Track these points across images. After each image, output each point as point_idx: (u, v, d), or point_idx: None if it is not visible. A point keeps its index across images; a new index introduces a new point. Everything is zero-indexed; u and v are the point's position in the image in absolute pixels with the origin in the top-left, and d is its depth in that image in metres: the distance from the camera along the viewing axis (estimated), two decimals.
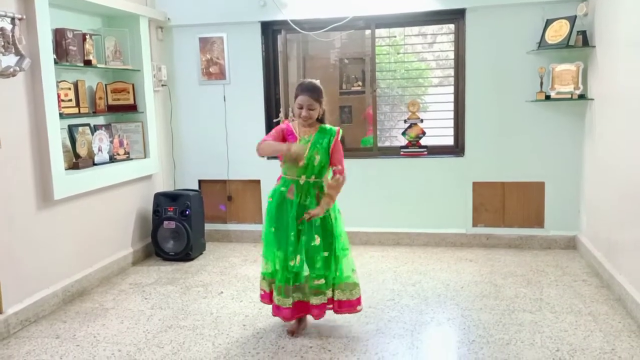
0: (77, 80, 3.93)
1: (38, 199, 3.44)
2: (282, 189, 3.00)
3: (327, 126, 3.02)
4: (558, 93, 4.26)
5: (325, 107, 3.01)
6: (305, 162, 2.90)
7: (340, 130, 3.03)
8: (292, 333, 3.05)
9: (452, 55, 4.74)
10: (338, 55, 5.37)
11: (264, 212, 5.06)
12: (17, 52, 3.15)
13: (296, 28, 4.66)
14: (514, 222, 4.67)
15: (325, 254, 2.94)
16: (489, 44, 4.45)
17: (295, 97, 2.97)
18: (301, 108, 2.93)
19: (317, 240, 2.91)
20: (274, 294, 3.02)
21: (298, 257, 2.91)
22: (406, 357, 2.80)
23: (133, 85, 4.42)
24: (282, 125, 3.09)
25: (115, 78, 4.39)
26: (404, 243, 4.78)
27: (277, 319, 3.17)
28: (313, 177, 2.95)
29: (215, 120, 5.00)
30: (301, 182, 2.94)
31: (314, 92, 2.93)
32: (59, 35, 3.68)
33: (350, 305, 3.06)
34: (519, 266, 4.16)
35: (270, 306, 3.10)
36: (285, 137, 3.01)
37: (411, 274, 4.04)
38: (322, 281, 2.95)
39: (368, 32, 4.86)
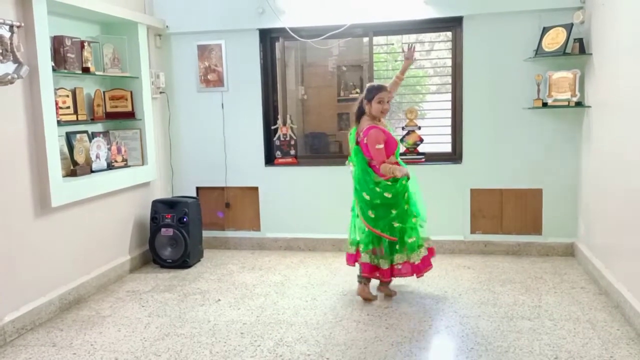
0: (75, 88, 3.94)
1: (35, 206, 3.43)
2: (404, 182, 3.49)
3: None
4: (555, 100, 4.28)
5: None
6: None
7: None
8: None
9: (449, 62, 4.75)
10: (336, 62, 5.37)
11: (262, 219, 5.12)
12: (15, 60, 3.15)
13: (294, 35, 4.68)
14: (511, 229, 4.67)
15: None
16: (486, 52, 4.47)
17: (371, 98, 3.47)
18: (381, 102, 3.46)
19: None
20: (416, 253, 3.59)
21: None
22: None
23: (131, 92, 4.43)
24: (379, 134, 3.40)
25: (114, 85, 4.39)
26: None
27: (280, 327, 3.17)
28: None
29: (213, 128, 5.01)
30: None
31: None
32: (57, 43, 3.69)
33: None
34: (517, 273, 4.15)
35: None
36: (389, 142, 3.46)
37: (409, 280, 4.02)
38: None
39: (366, 39, 4.88)
